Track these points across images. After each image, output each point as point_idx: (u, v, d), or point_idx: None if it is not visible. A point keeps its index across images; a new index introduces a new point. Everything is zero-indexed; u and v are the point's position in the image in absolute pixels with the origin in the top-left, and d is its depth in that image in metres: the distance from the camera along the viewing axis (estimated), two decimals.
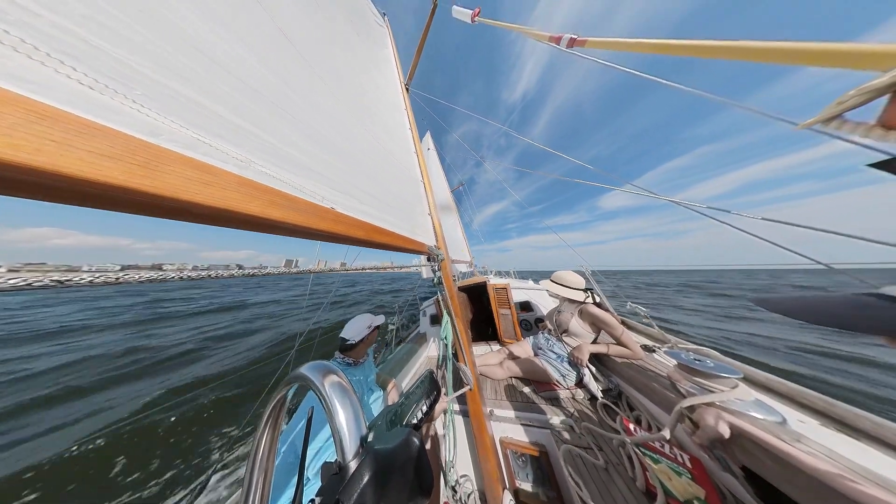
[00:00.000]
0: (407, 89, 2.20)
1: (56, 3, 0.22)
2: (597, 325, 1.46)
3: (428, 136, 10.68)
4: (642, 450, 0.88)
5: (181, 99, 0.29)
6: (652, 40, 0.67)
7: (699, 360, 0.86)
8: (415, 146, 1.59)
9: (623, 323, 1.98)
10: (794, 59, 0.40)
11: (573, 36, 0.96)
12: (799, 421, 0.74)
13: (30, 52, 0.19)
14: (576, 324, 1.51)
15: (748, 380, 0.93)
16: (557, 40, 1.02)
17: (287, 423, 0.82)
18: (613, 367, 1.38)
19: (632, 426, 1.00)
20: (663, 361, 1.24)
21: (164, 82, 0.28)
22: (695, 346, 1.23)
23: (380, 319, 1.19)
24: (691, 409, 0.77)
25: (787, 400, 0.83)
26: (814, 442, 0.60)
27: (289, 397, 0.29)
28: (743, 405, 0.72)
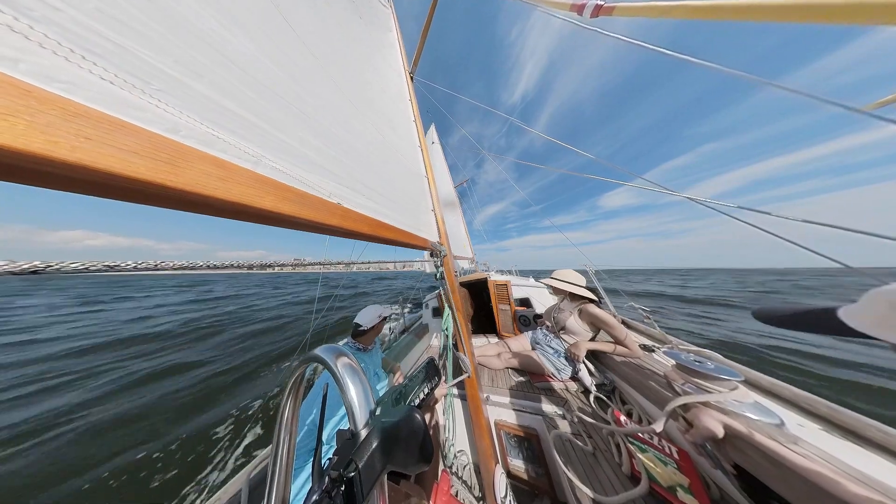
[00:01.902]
0: (411, 78, 2.12)
1: (75, 0, 0.22)
2: (596, 325, 1.48)
3: (432, 129, 10.39)
4: (630, 439, 0.92)
5: (195, 95, 0.30)
6: (696, 3, 0.55)
7: (699, 362, 0.86)
8: (419, 139, 1.56)
9: (623, 322, 1.97)
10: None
11: (599, 2, 0.84)
12: (798, 425, 0.74)
13: (55, 49, 0.20)
14: (573, 322, 1.53)
15: (750, 383, 0.94)
16: (580, 9, 0.89)
17: (304, 398, 0.89)
18: (609, 363, 1.41)
19: (622, 418, 1.04)
20: (662, 361, 1.26)
21: (178, 78, 0.28)
22: (696, 348, 1.23)
23: (388, 311, 1.25)
24: (686, 407, 0.78)
25: (790, 405, 0.83)
26: (811, 445, 0.61)
27: (306, 374, 0.32)
28: (739, 406, 0.72)
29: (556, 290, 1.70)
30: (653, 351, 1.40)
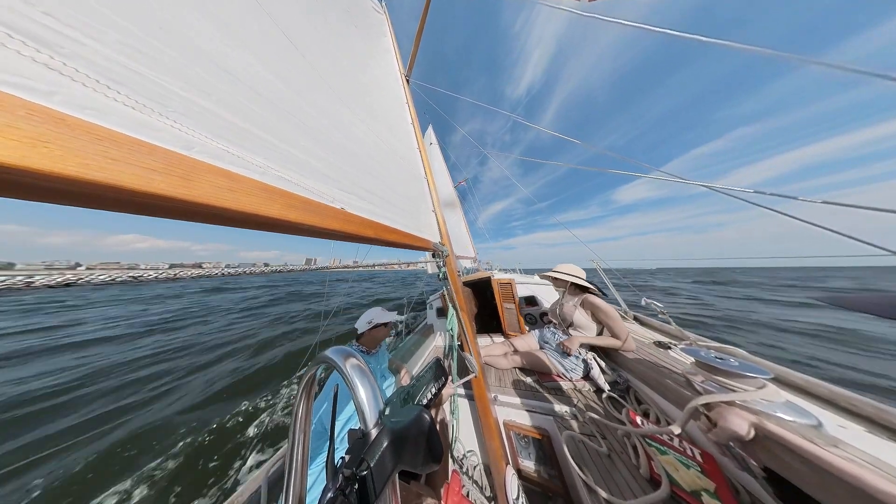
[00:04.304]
0: (407, 81, 2.15)
1: (98, 33, 0.24)
2: (597, 317, 1.46)
3: (430, 131, 10.45)
4: (648, 441, 0.87)
5: (206, 113, 0.32)
6: None
7: (721, 359, 0.81)
8: (417, 142, 1.58)
9: (636, 318, 1.92)
10: None
11: None
12: (839, 426, 0.68)
13: (84, 81, 0.22)
14: (580, 315, 1.51)
15: (780, 381, 0.88)
16: None
17: (316, 398, 0.91)
18: (622, 361, 1.36)
19: (638, 419, 0.99)
20: (679, 358, 1.19)
21: (191, 98, 0.31)
22: (717, 344, 1.16)
23: (385, 317, 1.20)
24: (708, 406, 0.73)
25: (829, 404, 0.76)
26: (855, 448, 0.56)
27: (318, 375, 0.33)
28: (769, 406, 0.67)
29: (556, 284, 1.72)
30: (669, 348, 1.33)
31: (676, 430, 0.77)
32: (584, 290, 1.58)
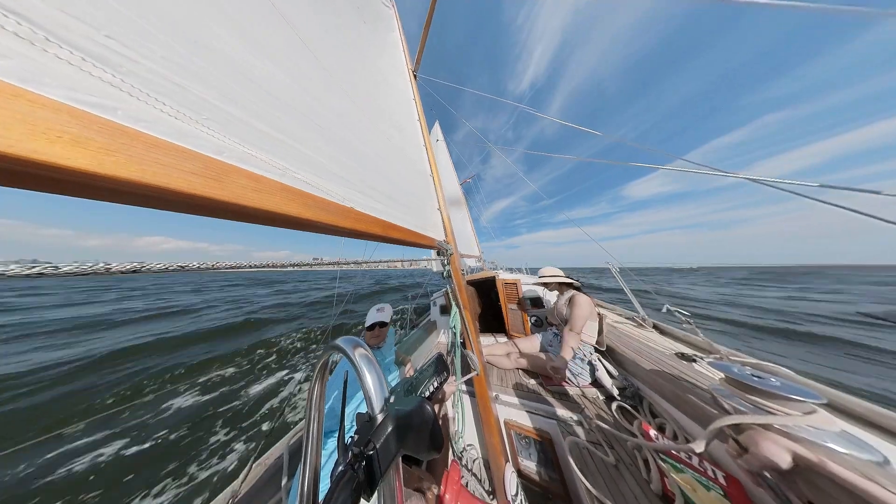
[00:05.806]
0: (415, 76, 2.14)
1: (148, 51, 0.27)
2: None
3: (437, 127, 10.33)
4: (662, 456, 0.81)
5: (234, 120, 0.35)
6: None
7: (759, 377, 0.70)
8: (424, 139, 1.59)
9: (655, 326, 1.79)
10: None
11: None
12: None
13: (139, 95, 0.26)
14: (569, 312, 1.54)
15: (835, 407, 0.76)
16: None
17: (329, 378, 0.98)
18: (637, 372, 1.29)
19: (652, 432, 0.93)
20: (705, 373, 1.08)
21: (221, 107, 0.34)
22: (755, 361, 0.99)
23: (370, 319, 1.19)
24: (738, 428, 0.64)
25: None
26: None
27: (330, 361, 0.36)
28: (818, 434, 0.57)
29: (548, 288, 1.81)
30: (694, 361, 1.21)
31: (699, 448, 0.66)
32: (570, 286, 1.68)
